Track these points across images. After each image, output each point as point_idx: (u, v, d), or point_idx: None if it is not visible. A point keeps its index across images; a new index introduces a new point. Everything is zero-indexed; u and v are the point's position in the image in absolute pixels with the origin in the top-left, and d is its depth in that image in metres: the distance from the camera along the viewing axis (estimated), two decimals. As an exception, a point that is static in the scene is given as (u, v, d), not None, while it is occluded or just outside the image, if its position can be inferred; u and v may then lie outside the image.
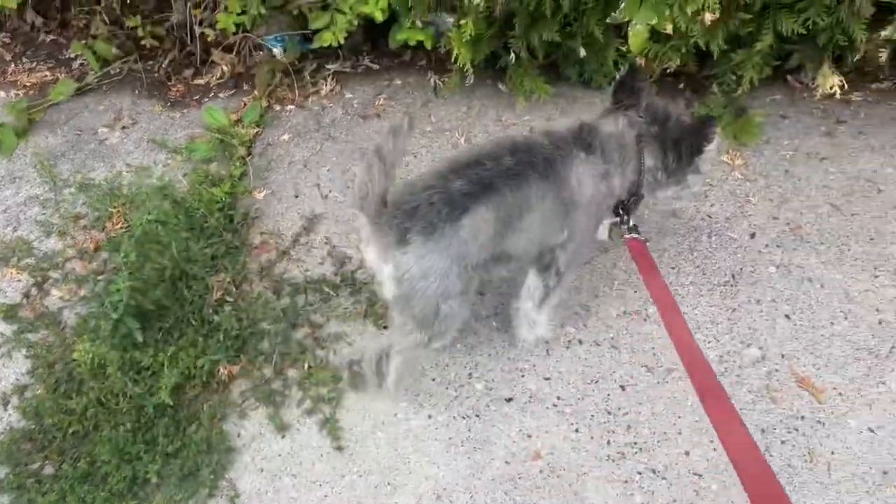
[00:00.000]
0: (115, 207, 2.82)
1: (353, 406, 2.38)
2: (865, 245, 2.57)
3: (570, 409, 2.31)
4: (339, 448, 2.30)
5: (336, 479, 2.26)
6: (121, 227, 2.75)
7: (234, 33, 3.11)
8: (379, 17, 2.68)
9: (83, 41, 3.42)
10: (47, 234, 2.89)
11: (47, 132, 3.31)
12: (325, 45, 2.86)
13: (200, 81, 3.39)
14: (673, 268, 2.59)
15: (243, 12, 2.80)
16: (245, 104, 3.25)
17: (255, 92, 3.22)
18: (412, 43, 2.88)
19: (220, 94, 3.37)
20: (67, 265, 2.78)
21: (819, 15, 2.46)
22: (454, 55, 2.65)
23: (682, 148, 2.10)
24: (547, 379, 2.39)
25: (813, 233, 2.62)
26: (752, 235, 2.64)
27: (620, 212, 2.18)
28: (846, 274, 2.50)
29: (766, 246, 2.60)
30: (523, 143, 1.99)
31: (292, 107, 3.25)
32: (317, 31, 2.93)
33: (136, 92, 3.43)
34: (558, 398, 2.34)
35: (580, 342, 2.45)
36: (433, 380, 2.41)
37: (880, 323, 2.37)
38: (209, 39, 3.21)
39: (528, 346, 2.43)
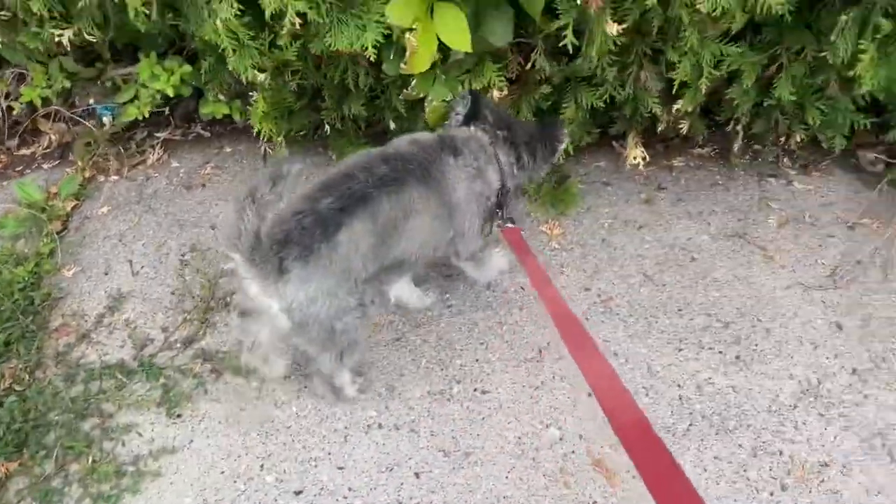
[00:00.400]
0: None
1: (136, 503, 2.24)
2: (673, 317, 2.54)
3: (360, 502, 2.20)
4: (113, 553, 2.15)
5: (104, 587, 2.10)
6: None
7: (65, 100, 3.02)
8: (171, 92, 2.60)
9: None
10: None
11: None
12: (131, 118, 2.77)
13: (26, 152, 3.26)
14: (482, 343, 2.53)
15: (50, 86, 2.71)
16: (78, 172, 3.13)
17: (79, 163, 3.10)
18: (219, 116, 2.81)
19: (45, 165, 3.24)
20: None
21: (615, 89, 2.46)
22: (256, 129, 2.58)
23: (535, 149, 2.33)
24: (340, 469, 2.28)
25: (623, 304, 2.59)
26: (563, 308, 2.59)
27: (496, 209, 2.30)
28: (651, 348, 2.47)
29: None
30: (394, 152, 2.06)
31: (116, 177, 3.14)
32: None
33: (-43, 163, 3.29)
34: (349, 489, 2.23)
35: (379, 426, 2.36)
36: (222, 472, 2.29)
37: (680, 399, 2.34)
38: (37, 108, 3.10)
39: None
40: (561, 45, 2.05)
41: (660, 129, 2.64)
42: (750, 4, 1.91)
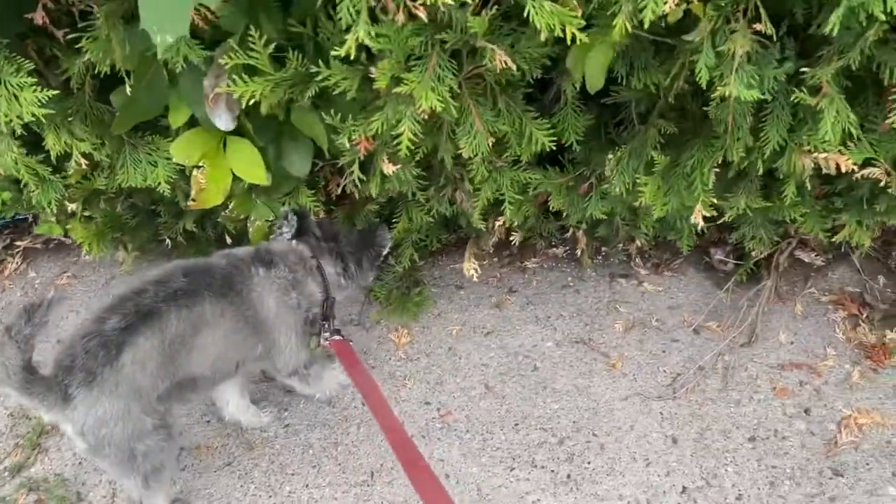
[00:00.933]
0: None
1: None
2: (509, 432, 2.50)
3: None
4: None
5: None
6: None
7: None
8: None
9: None
10: None
11: None
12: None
13: None
14: (314, 466, 2.46)
15: None
16: (-79, 287, 3.07)
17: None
18: (53, 235, 2.79)
19: None
20: None
21: (441, 205, 2.45)
22: (85, 251, 2.55)
23: (361, 257, 2.40)
24: None
25: (461, 419, 2.55)
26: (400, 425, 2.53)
27: (323, 321, 2.28)
28: (483, 467, 2.41)
29: (411, 437, 2.49)
30: (199, 265, 2.05)
31: (-30, 289, 3.09)
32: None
33: None
34: None
35: (198, 562, 2.27)
36: None
37: (505, 525, 2.27)
38: None
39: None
40: (346, 183, 2.04)
41: (492, 241, 2.62)
42: (525, 145, 1.91)
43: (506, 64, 1.54)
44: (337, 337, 2.27)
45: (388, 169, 1.90)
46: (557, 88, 2.03)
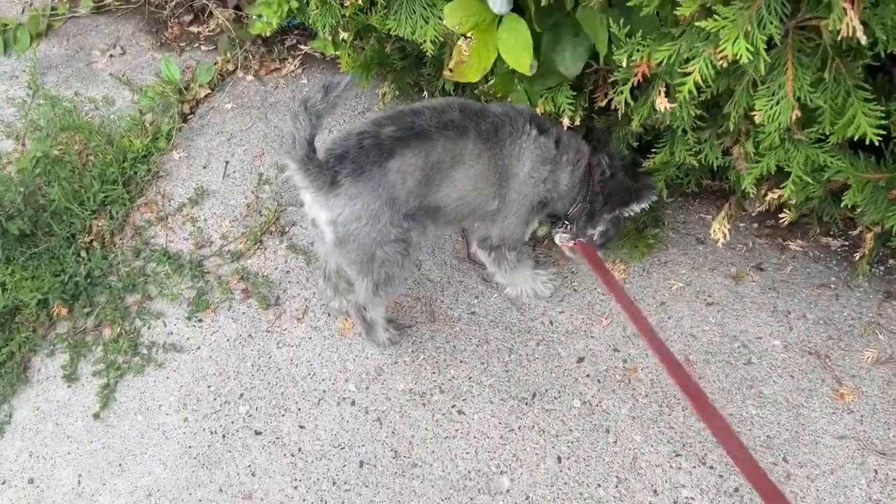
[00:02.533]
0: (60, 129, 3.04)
1: (134, 383, 2.52)
2: (690, 417, 2.27)
3: (302, 464, 2.30)
4: (97, 416, 2.46)
5: (84, 441, 2.43)
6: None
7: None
8: (275, 23, 2.64)
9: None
10: (7, 136, 3.22)
11: (55, 42, 3.63)
12: (256, 33, 2.88)
13: (195, 29, 3.53)
14: (483, 362, 2.44)
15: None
16: (217, 63, 3.36)
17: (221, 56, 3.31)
18: (326, 52, 2.83)
19: (204, 47, 3.50)
20: (-11, 167, 3.09)
21: (714, 152, 2.12)
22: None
23: (615, 192, 2.27)
24: (301, 427, 2.39)
25: (645, 381, 2.35)
26: (580, 360, 2.40)
27: (566, 222, 2.32)
28: (648, 439, 2.24)
29: (587, 376, 2.37)
30: (476, 106, 2.05)
31: (252, 77, 3.32)
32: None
33: (140, 24, 3.64)
34: (299, 450, 2.35)
35: (353, 403, 2.41)
36: (209, 386, 2.49)
37: (647, 507, 2.12)
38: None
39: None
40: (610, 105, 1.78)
41: (757, 208, 2.24)
42: (840, 126, 1.51)
43: (853, 30, 1.16)
44: (581, 239, 2.31)
45: (662, 105, 1.61)
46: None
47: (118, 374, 2.54)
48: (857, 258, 2.32)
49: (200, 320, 2.64)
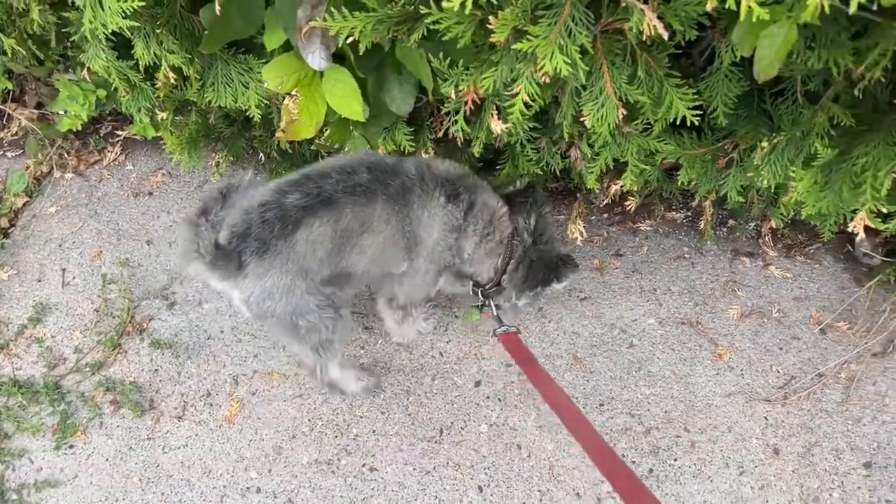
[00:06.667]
0: None
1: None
2: (593, 412, 2.32)
3: (220, 571, 2.14)
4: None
5: None
6: None
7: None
8: (85, 116, 2.49)
9: None
10: None
11: None
12: (65, 129, 2.69)
13: (-4, 135, 3.25)
14: (383, 412, 2.38)
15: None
16: (29, 167, 3.11)
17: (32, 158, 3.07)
18: (147, 136, 2.70)
19: (10, 153, 3.23)
20: None
21: (553, 158, 2.19)
22: (174, 159, 2.45)
23: (538, 269, 2.14)
24: (210, 532, 2.22)
25: (542, 389, 2.37)
26: (478, 384, 2.40)
27: (481, 297, 2.23)
28: (559, 445, 2.26)
29: (487, 398, 2.37)
30: (387, 163, 1.93)
31: (72, 175, 3.10)
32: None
33: (-70, 142, 3.31)
34: (213, 556, 2.17)
35: (258, 490, 2.27)
36: None
37: (574, 511, 2.13)
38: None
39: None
40: (448, 133, 1.80)
41: (604, 202, 2.34)
42: (661, 113, 1.61)
43: (654, 28, 1.23)
44: (504, 328, 2.17)
45: (497, 127, 1.64)
46: (710, 50, 1.69)
47: (-14, 533, 2.26)
48: (702, 226, 2.48)
49: (71, 446, 2.41)
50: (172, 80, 1.90)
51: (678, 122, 1.72)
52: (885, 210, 1.63)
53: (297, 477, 2.28)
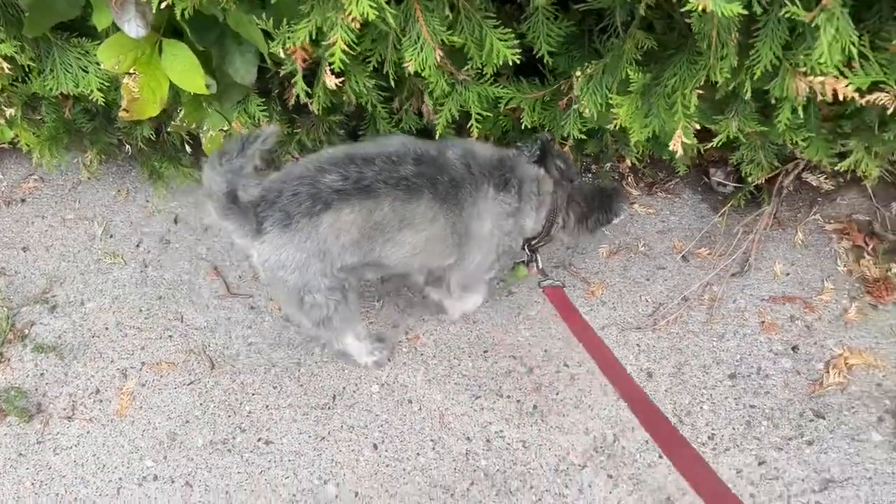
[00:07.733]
0: None
1: None
2: (478, 359, 2.40)
3: (120, 562, 2.13)
4: None
5: None
6: None
7: None
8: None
9: None
10: None
11: None
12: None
13: None
14: (275, 387, 2.40)
15: None
16: None
17: None
18: (5, 139, 2.64)
19: None
20: None
21: (409, 116, 2.24)
22: (35, 159, 2.41)
23: (590, 215, 2.15)
24: (106, 525, 2.20)
25: (429, 344, 2.45)
26: (367, 348, 2.44)
27: (528, 252, 2.19)
28: (447, 394, 2.34)
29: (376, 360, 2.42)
30: (433, 155, 1.85)
31: (-63, 190, 3.00)
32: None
33: None
34: (110, 549, 2.16)
35: (155, 478, 2.27)
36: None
37: (466, 454, 2.21)
38: None
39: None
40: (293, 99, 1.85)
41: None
42: (486, 57, 1.68)
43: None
44: (548, 282, 2.13)
45: (332, 82, 1.69)
46: (527, -10, 1.79)
47: None
48: (567, 172, 2.58)
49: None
50: (7, 70, 1.87)
51: (520, 66, 1.80)
52: (697, 126, 1.75)
53: (193, 460, 2.29)
